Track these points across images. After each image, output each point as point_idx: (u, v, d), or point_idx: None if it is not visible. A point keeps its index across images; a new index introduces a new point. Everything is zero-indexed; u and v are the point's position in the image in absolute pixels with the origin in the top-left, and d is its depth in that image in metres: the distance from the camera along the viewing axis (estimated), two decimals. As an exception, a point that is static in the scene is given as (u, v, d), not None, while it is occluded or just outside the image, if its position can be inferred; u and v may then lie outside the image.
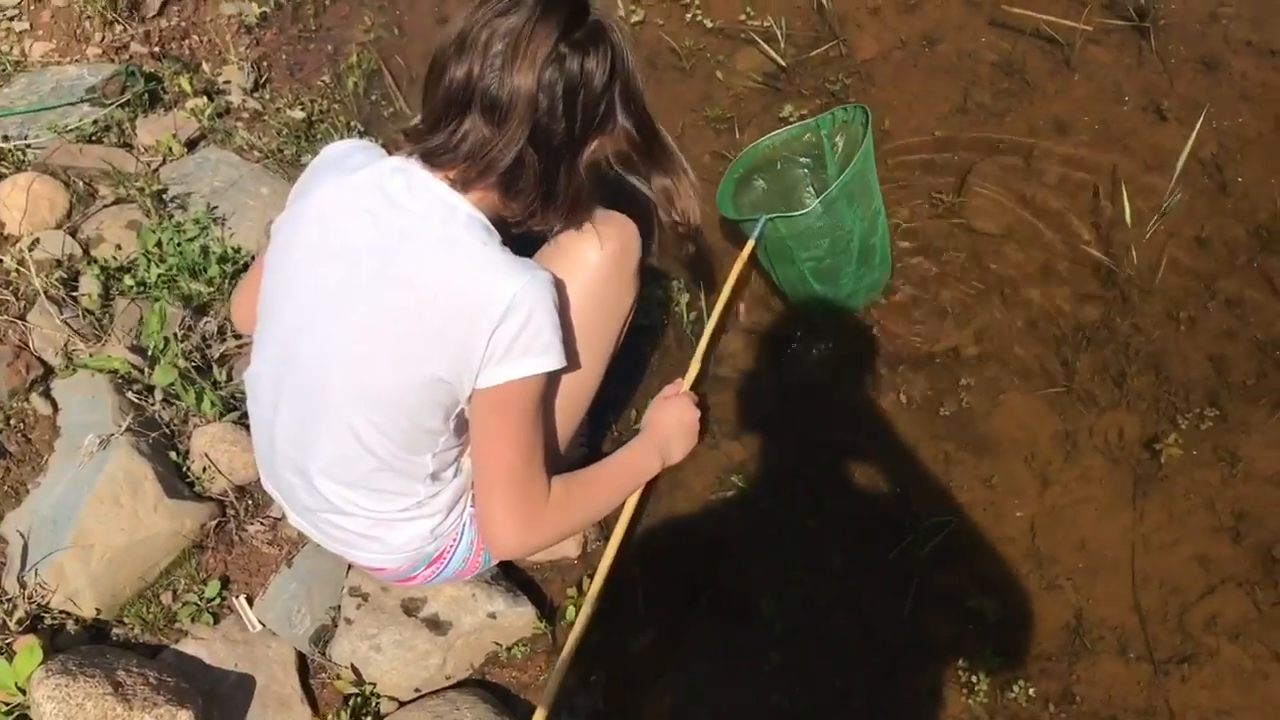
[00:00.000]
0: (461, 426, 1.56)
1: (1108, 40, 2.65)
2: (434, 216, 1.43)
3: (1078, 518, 1.98)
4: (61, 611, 1.80)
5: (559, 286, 1.48)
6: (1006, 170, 2.45)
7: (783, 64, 2.66)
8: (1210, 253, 2.30)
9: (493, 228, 1.46)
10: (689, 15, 2.81)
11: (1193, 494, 1.99)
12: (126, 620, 1.83)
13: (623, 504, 1.77)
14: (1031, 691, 1.80)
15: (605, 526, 1.96)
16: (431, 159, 1.44)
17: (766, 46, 2.66)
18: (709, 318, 1.99)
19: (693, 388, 1.88)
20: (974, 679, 1.81)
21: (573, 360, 1.58)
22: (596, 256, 1.64)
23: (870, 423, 2.13)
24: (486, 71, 1.37)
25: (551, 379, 1.51)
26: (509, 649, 1.84)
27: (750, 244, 2.08)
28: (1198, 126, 2.35)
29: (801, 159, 2.30)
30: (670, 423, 1.79)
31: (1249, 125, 2.48)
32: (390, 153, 1.52)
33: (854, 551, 1.97)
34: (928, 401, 2.14)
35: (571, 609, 1.88)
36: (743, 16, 2.79)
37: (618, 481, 1.73)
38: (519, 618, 1.83)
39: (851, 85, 2.62)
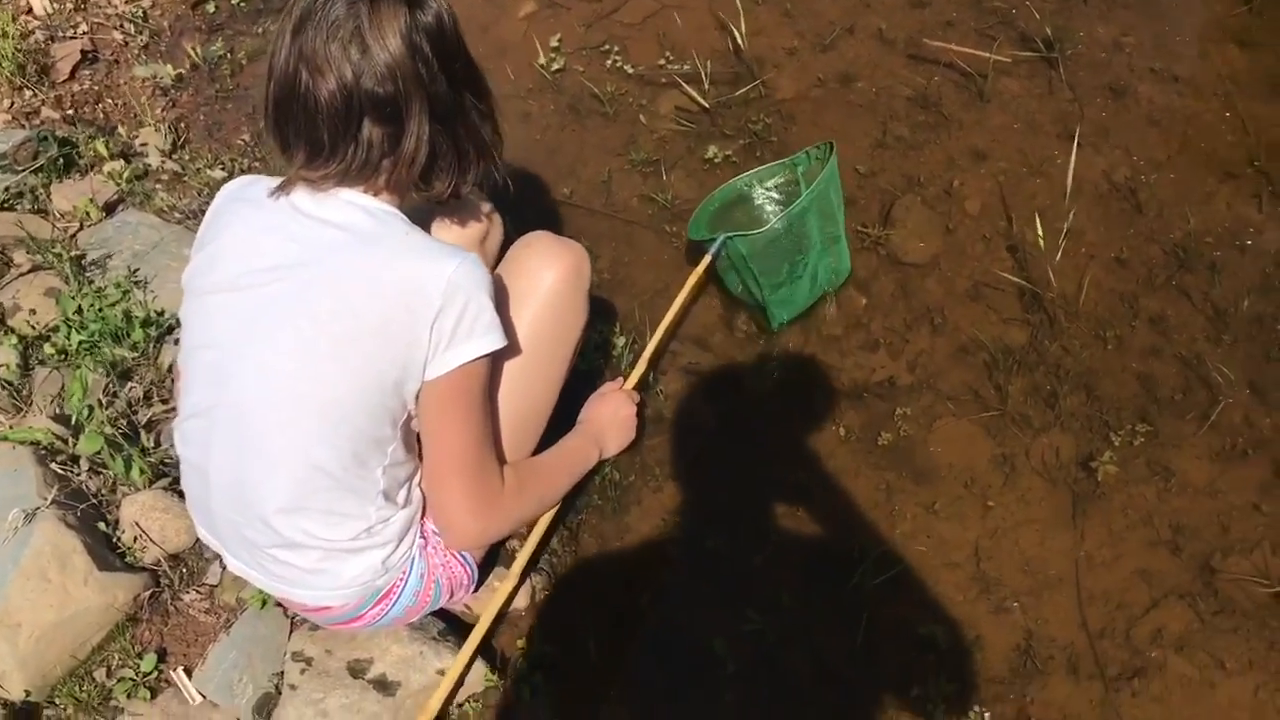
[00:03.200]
0: (410, 438, 1.54)
1: (1019, 71, 2.73)
2: (352, 220, 1.43)
3: (1020, 539, 2.00)
4: (-11, 695, 1.73)
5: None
6: (928, 202, 2.49)
7: (705, 105, 2.68)
8: (1130, 273, 2.35)
9: (407, 220, 1.47)
10: (609, 61, 2.83)
11: (1130, 510, 2.02)
12: (58, 700, 1.77)
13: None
14: (987, 716, 1.80)
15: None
16: (348, 180, 1.43)
17: (688, 88, 2.69)
18: (659, 325, 2.16)
19: (634, 389, 2.03)
20: (929, 706, 1.81)
21: (513, 345, 1.61)
22: (551, 276, 1.69)
23: (810, 457, 2.14)
24: (353, 72, 1.36)
25: (496, 362, 1.53)
26: (460, 705, 1.80)
27: (706, 259, 2.22)
28: (1075, 146, 2.41)
29: (776, 196, 2.39)
30: (607, 415, 1.91)
31: (1158, 148, 2.56)
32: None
33: (802, 586, 1.97)
34: (866, 432, 2.15)
35: (521, 660, 1.84)
36: (662, 61, 2.82)
37: (564, 467, 1.80)
38: (470, 673, 1.80)
39: (773, 124, 2.66)
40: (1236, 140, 2.56)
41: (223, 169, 2.63)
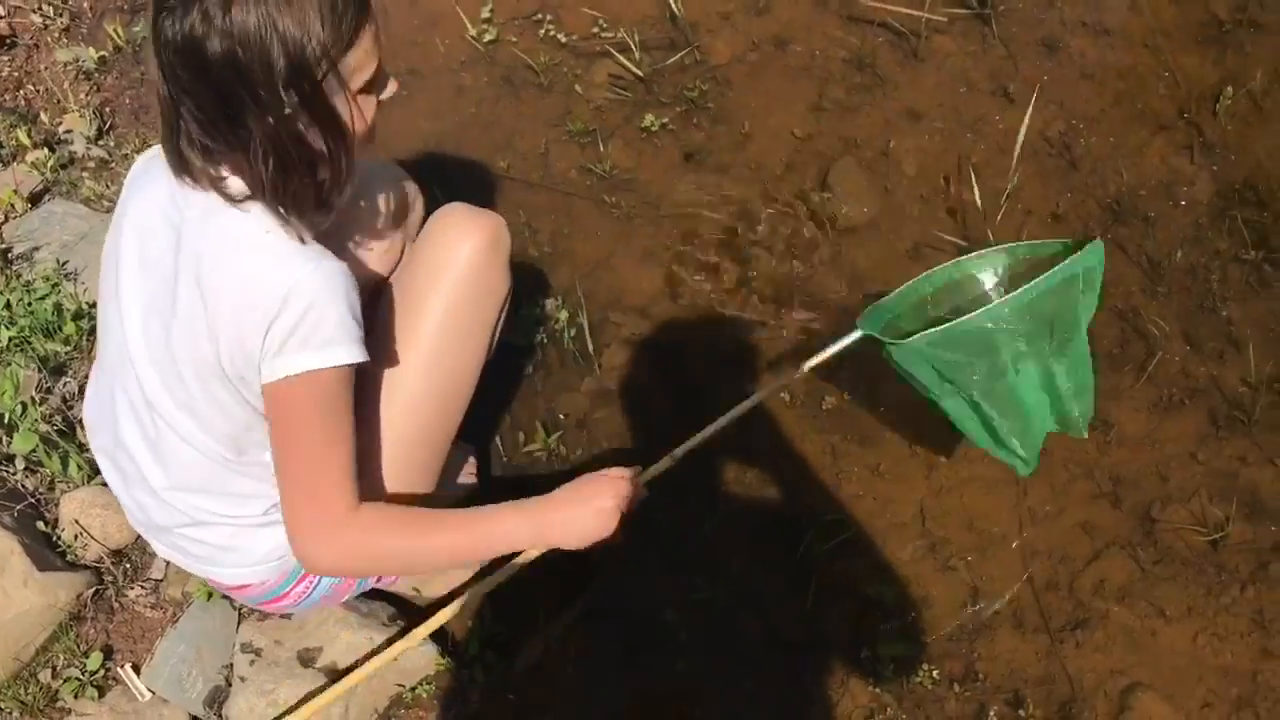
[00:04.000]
0: None
1: (952, 29, 2.72)
2: (219, 212, 1.36)
3: (965, 498, 2.03)
4: (-70, 702, 1.71)
5: (388, 298, 1.45)
6: (865, 164, 2.49)
7: (640, 74, 2.66)
8: (1066, 227, 2.37)
9: (284, 217, 1.37)
10: (542, 31, 2.79)
11: (1071, 463, 2.05)
12: (2, 705, 1.74)
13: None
14: (935, 673, 1.83)
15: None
16: (211, 160, 1.35)
17: (621, 58, 2.66)
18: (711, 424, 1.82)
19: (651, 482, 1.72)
20: (878, 667, 1.83)
21: (386, 356, 1.56)
22: (468, 248, 1.63)
23: (756, 424, 2.14)
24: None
25: (350, 379, 1.42)
26: (413, 689, 1.80)
27: (824, 355, 1.81)
28: (1030, 105, 2.42)
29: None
30: (575, 500, 1.57)
31: (1091, 103, 2.57)
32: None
33: (751, 553, 1.98)
34: (810, 397, 2.16)
35: (474, 641, 1.84)
36: (595, 29, 2.79)
37: (456, 540, 1.53)
38: (421, 657, 1.80)
39: (709, 91, 2.64)
40: (1167, 93, 2.57)
41: (151, 154, 2.58)
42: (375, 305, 1.69)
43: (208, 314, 1.36)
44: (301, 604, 1.70)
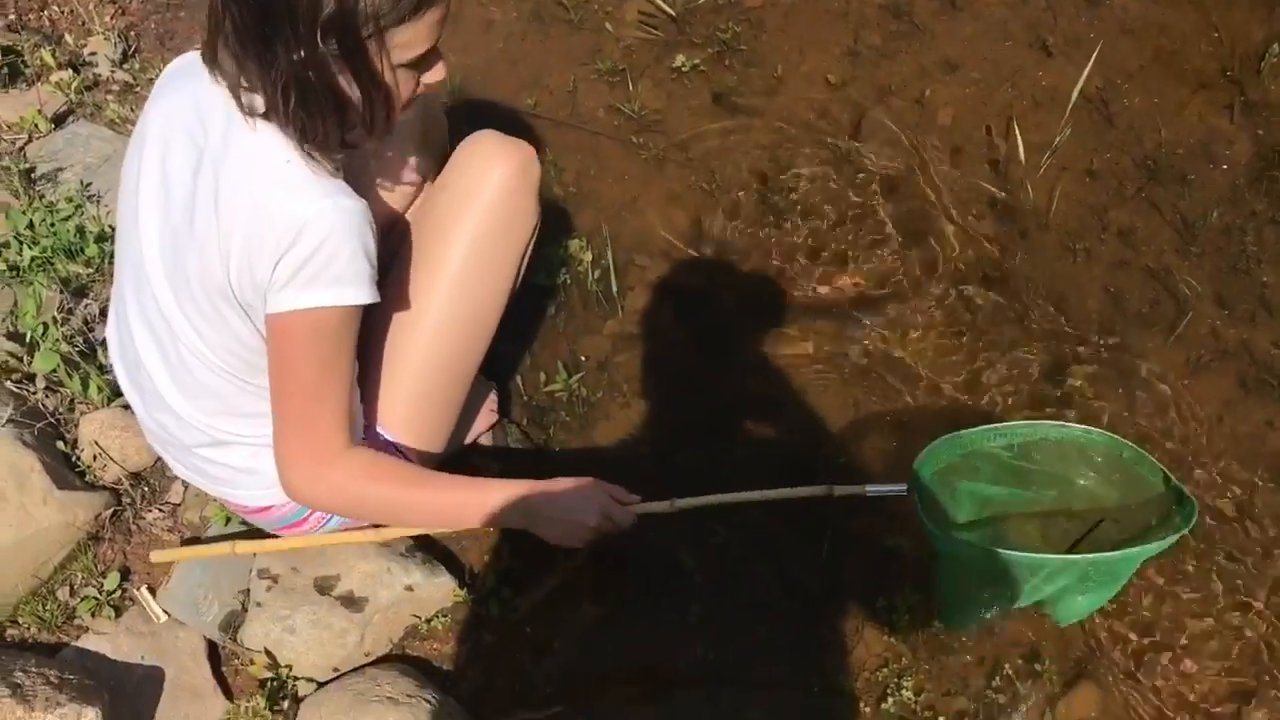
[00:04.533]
0: None
1: (992, -21, 2.67)
2: (244, 134, 1.34)
3: (987, 452, 2.01)
4: (-51, 616, 1.72)
5: (414, 226, 1.45)
6: (899, 113, 2.46)
7: (672, 13, 2.62)
8: (1101, 185, 2.33)
9: (305, 144, 1.34)
10: (574, -33, 2.75)
11: (1098, 423, 2.03)
12: (21, 620, 1.75)
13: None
14: (952, 625, 1.83)
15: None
16: (242, 69, 1.32)
17: (655, -4, 2.62)
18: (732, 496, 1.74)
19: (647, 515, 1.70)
20: (894, 616, 1.83)
21: (410, 288, 1.54)
22: (498, 175, 1.61)
23: (779, 371, 2.13)
24: None
25: (356, 318, 1.41)
26: (428, 621, 1.80)
27: (856, 490, 1.72)
28: (1091, 62, 2.37)
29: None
30: (566, 504, 1.61)
31: (1131, 59, 2.52)
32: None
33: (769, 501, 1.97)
34: (835, 346, 2.14)
35: (490, 575, 1.84)
36: (629, -34, 2.74)
37: (443, 501, 1.57)
38: (437, 589, 1.79)
39: (742, 33, 2.60)
40: (1210, 50, 2.52)
41: (176, 79, 2.55)
42: (399, 239, 1.68)
43: (220, 237, 1.34)
44: (319, 530, 1.70)
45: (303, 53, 1.26)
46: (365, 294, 1.38)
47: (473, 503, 1.57)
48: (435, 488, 1.57)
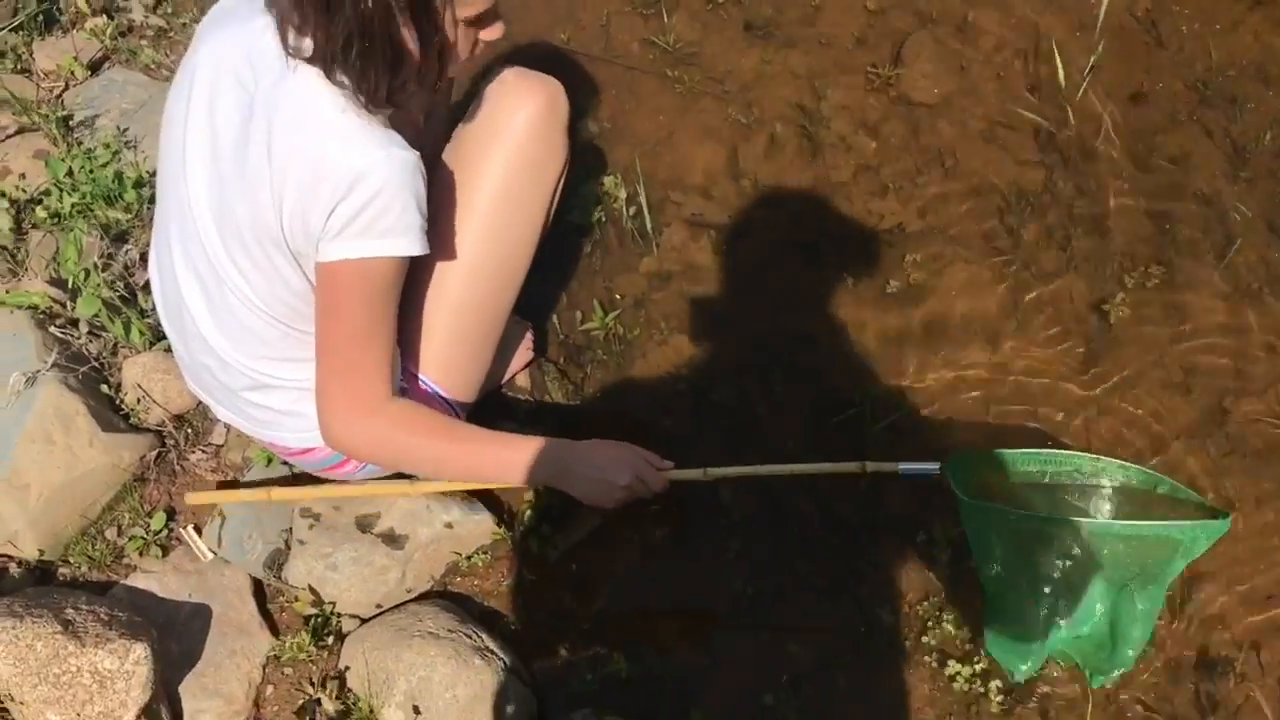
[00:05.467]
0: None
1: (1037, -102, 2.59)
2: (298, 78, 1.34)
3: (1031, 386, 1.98)
4: (2, 555, 1.75)
5: (443, 168, 1.44)
6: (940, 40, 2.39)
7: (707, -57, 2.57)
8: (1149, 109, 2.27)
9: (358, 95, 1.34)
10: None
11: (1143, 353, 1.99)
12: (72, 559, 1.79)
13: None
14: (992, 559, 1.81)
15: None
16: (289, 21, 1.32)
17: (690, -75, 2.56)
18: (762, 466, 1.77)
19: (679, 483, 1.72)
20: (935, 551, 1.82)
21: (444, 249, 1.53)
22: (525, 113, 1.59)
23: (818, 307, 2.10)
24: None
25: (405, 268, 1.42)
26: (468, 558, 1.82)
27: (888, 467, 1.73)
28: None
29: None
30: (599, 465, 1.63)
31: (1183, -23, 2.44)
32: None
33: (808, 435, 1.96)
34: (874, 280, 2.11)
35: (529, 511, 1.85)
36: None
37: (479, 454, 1.59)
38: (476, 526, 1.81)
39: (779, -37, 2.54)
40: (1266, -36, 2.44)
41: (210, 23, 2.54)
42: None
43: (273, 184, 1.34)
44: (359, 473, 1.72)
45: (370, 3, 1.25)
46: (416, 245, 1.38)
47: (509, 459, 1.59)
48: (474, 442, 1.59)
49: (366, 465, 1.69)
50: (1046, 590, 1.60)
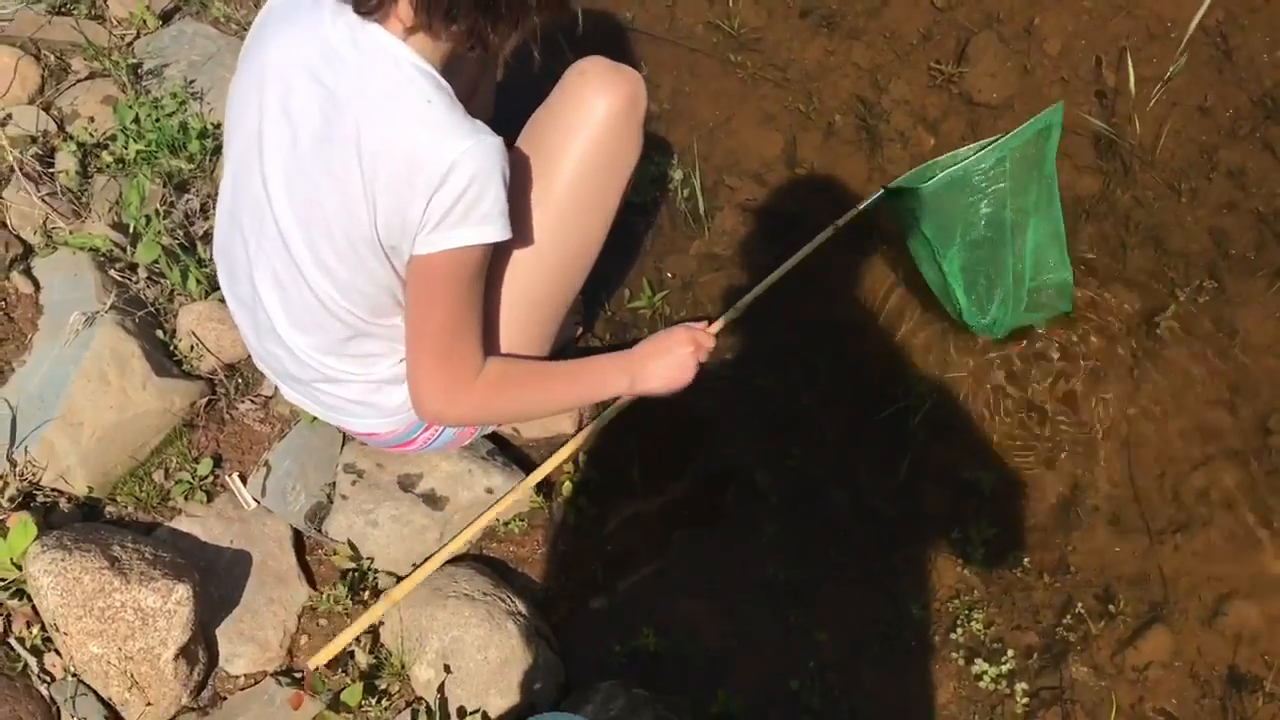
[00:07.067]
0: None
1: (1112, -96, 2.57)
2: (378, 70, 1.34)
3: (1074, 392, 1.98)
4: (53, 489, 1.79)
5: (519, 155, 1.45)
6: (1007, 40, 2.39)
7: (777, -70, 2.56)
8: (1213, 122, 2.25)
9: (442, 80, 1.36)
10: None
11: (1190, 367, 1.98)
12: (119, 499, 1.82)
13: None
14: (1026, 561, 1.82)
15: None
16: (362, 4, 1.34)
17: (761, -90, 2.56)
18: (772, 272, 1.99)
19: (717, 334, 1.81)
20: (969, 548, 1.82)
21: (520, 236, 1.52)
22: (604, 107, 1.58)
23: (865, 300, 2.11)
24: None
25: (492, 251, 1.44)
26: (506, 524, 1.84)
27: (853, 212, 1.99)
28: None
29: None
30: (661, 350, 1.67)
31: (1256, -8, 2.42)
32: None
33: (848, 426, 1.97)
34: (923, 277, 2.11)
35: (567, 483, 1.87)
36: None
37: (566, 388, 1.67)
38: (514, 492, 1.83)
39: (848, -47, 2.54)
40: (1341, -15, 2.41)
41: (279, -20, 2.56)
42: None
43: (365, 181, 1.35)
44: (427, 449, 1.75)
45: None
46: (506, 229, 1.40)
47: (592, 380, 1.67)
48: (562, 378, 1.66)
49: (433, 440, 1.72)
50: (984, 235, 1.87)
